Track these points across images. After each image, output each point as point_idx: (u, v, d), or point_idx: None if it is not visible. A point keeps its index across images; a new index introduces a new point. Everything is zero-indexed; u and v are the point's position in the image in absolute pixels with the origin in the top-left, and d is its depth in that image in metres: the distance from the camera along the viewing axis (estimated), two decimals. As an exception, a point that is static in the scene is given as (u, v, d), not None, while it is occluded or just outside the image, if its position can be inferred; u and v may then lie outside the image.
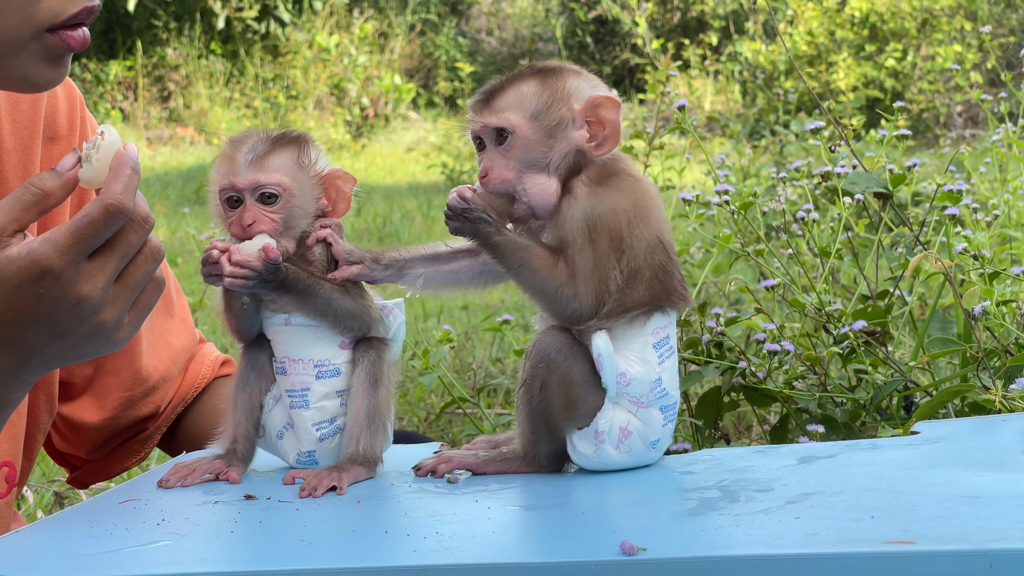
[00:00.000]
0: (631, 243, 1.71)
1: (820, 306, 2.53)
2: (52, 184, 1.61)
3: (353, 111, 15.99)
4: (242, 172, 1.78)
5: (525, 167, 1.75)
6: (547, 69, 1.78)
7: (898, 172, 2.66)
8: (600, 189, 1.72)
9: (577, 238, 1.70)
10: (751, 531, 1.42)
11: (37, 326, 1.58)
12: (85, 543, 1.50)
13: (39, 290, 1.55)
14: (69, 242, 1.55)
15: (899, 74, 13.50)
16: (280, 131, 1.82)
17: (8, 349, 1.59)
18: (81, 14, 1.72)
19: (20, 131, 2.00)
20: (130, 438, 2.29)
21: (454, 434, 3.81)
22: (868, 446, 1.80)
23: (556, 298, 1.72)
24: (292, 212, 1.79)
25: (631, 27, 17.09)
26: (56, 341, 1.60)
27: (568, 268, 1.71)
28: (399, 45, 18.06)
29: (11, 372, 1.61)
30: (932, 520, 1.40)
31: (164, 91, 16.18)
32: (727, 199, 2.59)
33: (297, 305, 1.79)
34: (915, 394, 2.40)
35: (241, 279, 1.73)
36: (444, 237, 1.84)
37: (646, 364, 1.72)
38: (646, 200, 1.73)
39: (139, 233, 1.60)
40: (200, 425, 2.29)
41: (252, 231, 1.77)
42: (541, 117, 1.75)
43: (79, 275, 1.56)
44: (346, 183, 1.84)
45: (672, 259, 1.74)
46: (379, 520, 1.61)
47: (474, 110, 1.79)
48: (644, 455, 1.76)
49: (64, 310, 1.57)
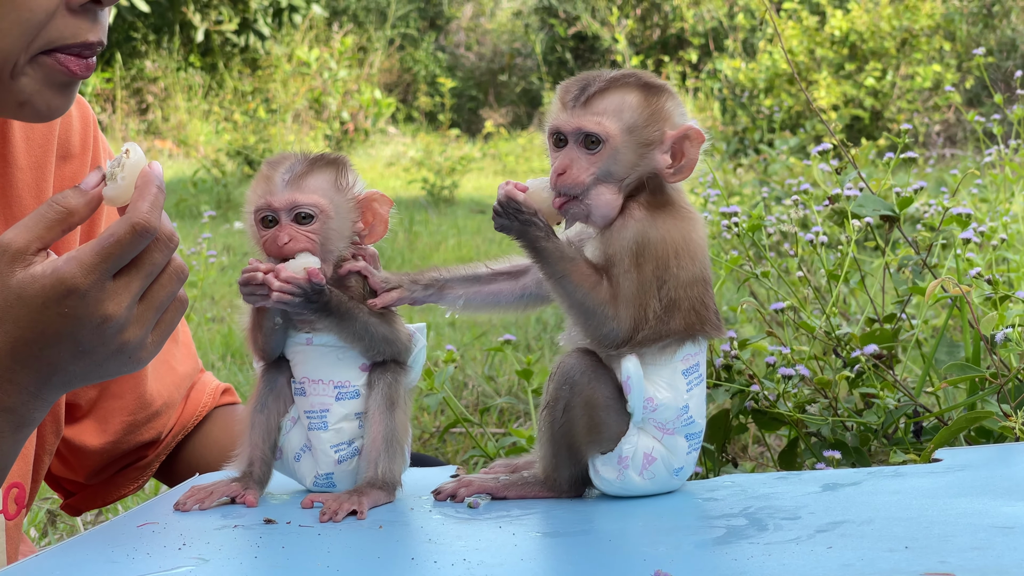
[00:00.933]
0: (676, 273, 1.68)
1: (830, 330, 2.52)
2: (76, 202, 1.59)
3: (333, 125, 15.97)
4: (279, 192, 1.77)
5: (603, 176, 1.71)
6: (652, 85, 1.73)
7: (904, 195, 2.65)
8: (655, 215, 1.70)
9: (624, 259, 1.68)
10: (784, 561, 1.41)
11: (60, 345, 1.56)
12: (107, 568, 1.49)
13: (64, 309, 1.54)
14: (95, 261, 1.54)
15: (879, 93, 13.55)
16: (318, 153, 1.80)
17: (30, 368, 1.58)
18: (78, 47, 1.70)
19: (34, 149, 1.99)
20: (129, 465, 2.26)
21: (449, 453, 3.80)
22: (891, 473, 1.79)
23: (594, 315, 1.69)
24: (329, 234, 1.78)
25: (611, 43, 17.13)
26: (79, 360, 1.58)
27: (611, 288, 1.69)
28: (378, 59, 18.05)
29: (32, 392, 1.60)
30: (968, 551, 1.40)
31: (143, 103, 16.14)
32: (736, 221, 2.59)
33: (336, 328, 1.77)
34: (924, 419, 2.39)
35: (288, 296, 1.72)
36: (424, 252, 1.84)
37: (674, 390, 1.71)
38: (695, 235, 1.71)
39: (164, 252, 1.59)
40: (200, 454, 2.27)
41: (289, 249, 1.75)
42: (636, 132, 1.71)
43: (104, 294, 1.55)
44: (383, 206, 1.82)
45: (709, 292, 1.72)
46: (404, 546, 1.59)
47: (568, 105, 1.72)
48: (667, 482, 1.74)
49: (88, 329, 1.55)
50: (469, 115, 18.92)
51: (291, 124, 15.91)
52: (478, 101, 19.21)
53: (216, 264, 7.52)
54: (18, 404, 1.60)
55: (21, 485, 1.98)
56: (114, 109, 15.70)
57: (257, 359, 1.85)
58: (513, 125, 18.15)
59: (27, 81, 1.71)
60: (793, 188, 4.30)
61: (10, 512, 1.97)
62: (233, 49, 16.74)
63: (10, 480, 1.96)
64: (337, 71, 16.54)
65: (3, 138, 1.96)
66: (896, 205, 2.60)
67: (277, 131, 14.59)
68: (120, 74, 15.90)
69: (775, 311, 2.60)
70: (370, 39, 18.26)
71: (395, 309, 1.83)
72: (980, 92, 14.04)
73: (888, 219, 2.64)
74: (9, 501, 1.97)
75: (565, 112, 1.72)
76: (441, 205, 11.86)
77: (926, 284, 2.62)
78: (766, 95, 13.40)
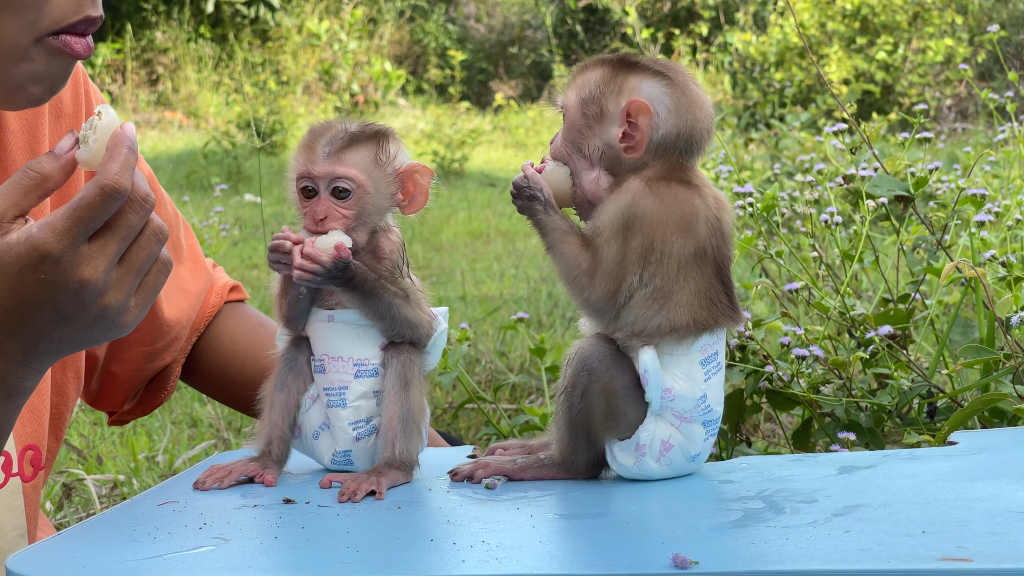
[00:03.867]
0: (660, 258, 1.67)
1: (844, 310, 2.52)
2: (50, 167, 1.57)
3: (343, 97, 15.96)
4: (319, 162, 1.78)
5: (572, 149, 1.76)
6: (626, 61, 1.76)
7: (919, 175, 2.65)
8: (652, 188, 1.69)
9: (606, 228, 1.69)
10: (802, 545, 1.42)
11: (41, 312, 1.55)
12: (130, 547, 1.49)
13: (40, 275, 1.52)
14: (67, 225, 1.52)
15: (890, 67, 13.51)
16: (362, 124, 1.82)
17: (14, 337, 1.57)
18: (82, 23, 1.71)
19: (24, 112, 1.98)
20: (156, 375, 2.32)
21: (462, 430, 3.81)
22: (907, 456, 1.80)
23: (573, 284, 1.72)
24: (365, 208, 1.79)
25: (621, 16, 17.08)
26: (62, 327, 1.57)
27: (592, 258, 1.70)
28: (388, 31, 18.02)
29: (20, 361, 1.59)
30: (986, 536, 1.40)
31: (153, 74, 16.12)
32: (750, 201, 2.59)
33: (359, 303, 1.78)
34: (938, 400, 2.40)
35: (309, 273, 1.73)
36: (434, 225, 1.87)
37: (692, 381, 1.71)
38: (692, 217, 1.69)
39: (139, 213, 1.56)
40: (214, 352, 2.33)
41: (323, 227, 1.77)
42: (587, 104, 1.74)
43: (79, 258, 1.53)
44: (424, 177, 1.83)
45: (722, 280, 1.71)
46: (422, 527, 1.60)
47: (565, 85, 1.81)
48: (684, 467, 1.75)
49: (67, 295, 1.54)
50: (479, 88, 18.89)
51: (301, 96, 15.90)
52: (488, 73, 19.17)
53: (228, 238, 7.53)
54: (7, 373, 1.59)
55: (36, 447, 1.99)
56: (124, 80, 15.70)
57: (282, 325, 1.87)
58: (523, 98, 18.12)
59: (31, 66, 1.71)
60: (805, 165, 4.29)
61: (26, 474, 1.98)
62: (243, 20, 16.71)
63: (24, 442, 1.97)
64: (347, 43, 16.52)
65: None
66: (911, 185, 2.59)
67: (287, 103, 14.58)
68: (131, 45, 15.88)
69: (789, 291, 2.60)
70: (380, 11, 18.22)
71: (422, 291, 1.84)
72: (992, 66, 14.00)
73: (903, 199, 2.64)
74: (25, 463, 1.98)
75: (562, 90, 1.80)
76: (451, 178, 11.86)
77: (940, 264, 2.62)
78: (777, 69, 13.37)
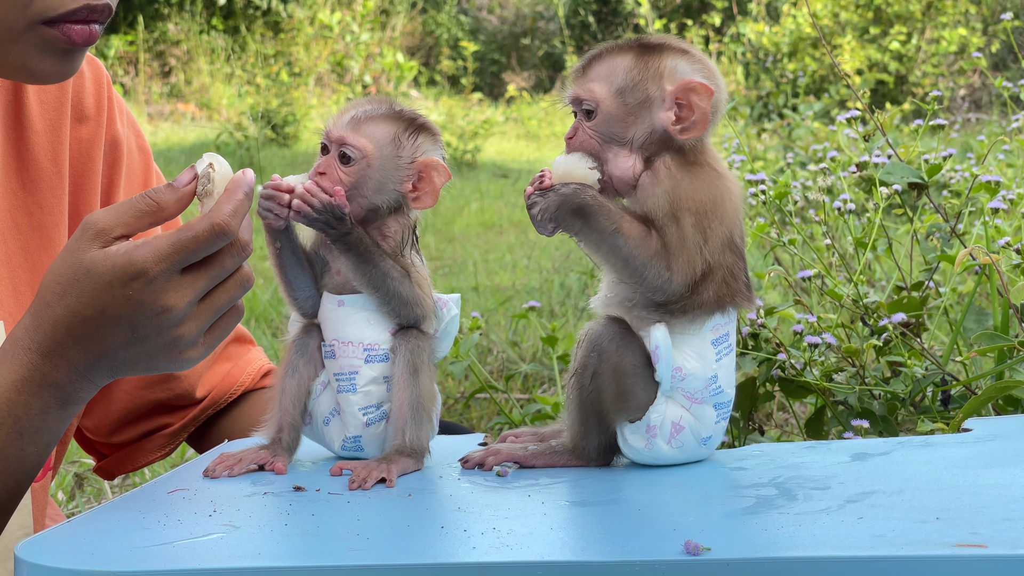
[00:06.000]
0: (708, 233, 1.67)
1: (857, 298, 2.51)
2: (167, 198, 1.61)
3: (355, 88, 15.95)
4: (339, 126, 1.79)
5: (606, 140, 1.72)
6: (647, 44, 1.73)
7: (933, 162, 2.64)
8: (683, 173, 1.69)
9: (659, 213, 1.67)
10: (815, 531, 1.41)
11: (117, 328, 1.58)
12: (139, 534, 1.49)
13: (128, 291, 1.56)
14: (169, 251, 1.56)
15: (903, 57, 13.48)
16: (402, 107, 1.82)
17: (83, 347, 1.60)
18: (82, 11, 1.70)
19: (48, 112, 1.99)
20: (155, 431, 2.27)
21: (474, 419, 3.80)
22: (921, 443, 1.79)
23: (647, 268, 1.67)
24: (365, 180, 1.78)
25: (634, 7, 17.06)
26: (131, 347, 1.60)
27: (660, 239, 1.67)
28: (401, 23, 18.01)
29: (81, 372, 1.62)
30: (1000, 523, 1.39)
31: (165, 66, 16.14)
32: (763, 188, 2.57)
33: (354, 269, 1.77)
34: (952, 388, 2.39)
35: (307, 207, 1.74)
36: (446, 216, 1.84)
37: (703, 360, 1.70)
38: (724, 198, 1.69)
39: (236, 258, 1.61)
40: (230, 430, 2.27)
41: (319, 180, 1.77)
42: (627, 93, 1.71)
43: (170, 285, 1.57)
44: (440, 176, 1.82)
45: (741, 261, 1.71)
46: (433, 514, 1.59)
47: (572, 77, 1.77)
48: (695, 451, 1.74)
49: (147, 316, 1.57)
50: (491, 79, 18.88)
51: (313, 88, 15.90)
52: (500, 65, 19.17)
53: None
54: (66, 381, 1.62)
55: None
56: (137, 72, 15.71)
57: (291, 309, 1.87)
58: (536, 89, 18.11)
59: (23, 48, 1.71)
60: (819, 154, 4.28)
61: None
62: (255, 12, 16.71)
63: None
64: (359, 34, 16.51)
65: (17, 102, 1.96)
66: (925, 173, 2.58)
67: (300, 94, 14.58)
68: (143, 37, 15.90)
69: (802, 279, 2.59)
70: (392, 2, 18.21)
71: (427, 276, 1.83)
72: (1006, 55, 13.96)
73: (916, 186, 2.63)
74: None
75: (569, 85, 1.76)
76: (463, 169, 11.85)
77: (954, 252, 2.61)
78: (790, 59, 13.35)
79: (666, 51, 1.73)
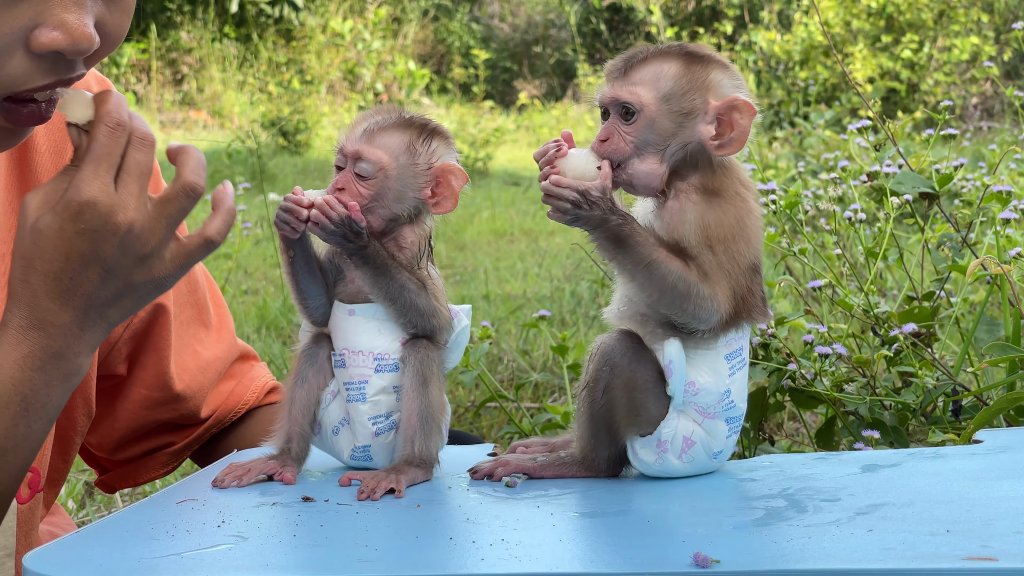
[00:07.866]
0: (736, 258, 1.67)
1: (868, 308, 2.51)
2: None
3: (367, 96, 15.97)
4: (353, 140, 1.80)
5: (642, 145, 1.69)
6: (695, 54, 1.71)
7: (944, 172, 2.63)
8: (710, 200, 1.68)
9: (692, 240, 1.66)
10: (824, 544, 1.40)
11: (86, 268, 1.58)
12: (147, 545, 1.49)
13: (80, 225, 1.56)
14: (91, 170, 1.56)
15: (915, 65, 13.46)
16: (412, 114, 1.83)
17: (67, 303, 1.59)
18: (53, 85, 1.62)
19: (53, 133, 1.98)
20: (158, 449, 2.26)
21: (484, 428, 3.80)
22: (932, 455, 1.78)
23: (690, 296, 1.65)
24: (385, 192, 1.79)
25: (645, 15, 17.06)
26: (107, 282, 1.60)
27: (698, 267, 1.66)
28: (412, 30, 18.03)
29: (75, 331, 1.61)
30: (1011, 535, 1.39)
31: (177, 74, 16.17)
32: (773, 199, 2.57)
33: (371, 281, 1.78)
34: (963, 398, 2.38)
35: (324, 218, 1.74)
36: (458, 224, 1.82)
37: (716, 375, 1.70)
38: (749, 221, 1.69)
39: (141, 150, 1.61)
40: (236, 447, 2.23)
41: (339, 197, 1.77)
42: (672, 101, 1.69)
43: (112, 199, 1.57)
44: (457, 180, 1.82)
45: (758, 278, 1.71)
46: (442, 525, 1.59)
47: (610, 77, 1.73)
48: (706, 464, 1.74)
49: (108, 243, 1.57)
50: (503, 87, 18.89)
51: (325, 95, 15.92)
52: (512, 72, 19.17)
53: (251, 236, 7.54)
54: (64, 348, 1.61)
55: (36, 470, 1.97)
56: (149, 80, 15.74)
57: (303, 318, 1.87)
58: (547, 97, 18.11)
59: None
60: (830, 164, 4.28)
61: (23, 496, 1.97)
62: (267, 20, 16.74)
63: None
64: (371, 42, 16.53)
65: None
66: (936, 183, 2.58)
67: (311, 102, 14.60)
68: (155, 45, 15.93)
69: (813, 289, 2.59)
70: (404, 10, 18.23)
71: (442, 287, 1.83)
72: (1018, 64, 13.94)
73: (927, 196, 2.62)
74: (23, 485, 1.96)
75: (607, 84, 1.73)
76: (475, 177, 11.86)
77: (965, 262, 2.60)
78: (801, 67, 13.33)
79: (712, 64, 1.71)
